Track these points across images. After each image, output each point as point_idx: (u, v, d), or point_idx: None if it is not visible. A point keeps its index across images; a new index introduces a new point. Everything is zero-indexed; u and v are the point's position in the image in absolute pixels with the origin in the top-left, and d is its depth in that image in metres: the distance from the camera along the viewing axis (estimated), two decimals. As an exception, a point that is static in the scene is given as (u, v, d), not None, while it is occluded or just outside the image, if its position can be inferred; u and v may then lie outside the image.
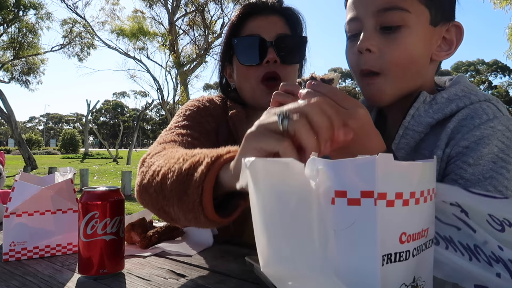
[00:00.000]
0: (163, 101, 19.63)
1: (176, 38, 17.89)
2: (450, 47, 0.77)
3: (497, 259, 0.41)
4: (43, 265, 0.75)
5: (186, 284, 0.65)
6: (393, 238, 0.35)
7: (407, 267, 0.36)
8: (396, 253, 0.35)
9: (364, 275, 0.34)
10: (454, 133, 0.71)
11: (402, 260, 0.35)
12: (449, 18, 0.75)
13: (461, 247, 0.43)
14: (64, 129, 65.55)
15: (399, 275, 0.36)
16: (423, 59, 0.74)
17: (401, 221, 0.35)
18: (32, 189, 0.79)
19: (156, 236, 0.88)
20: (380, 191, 0.33)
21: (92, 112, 60.20)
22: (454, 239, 0.43)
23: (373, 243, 0.33)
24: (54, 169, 9.23)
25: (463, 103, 0.72)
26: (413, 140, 0.74)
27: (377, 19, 0.72)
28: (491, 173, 0.65)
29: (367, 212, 0.33)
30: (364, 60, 0.74)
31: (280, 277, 0.41)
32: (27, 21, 17.01)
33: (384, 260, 0.34)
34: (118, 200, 0.69)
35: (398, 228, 0.35)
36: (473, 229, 0.42)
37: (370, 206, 0.33)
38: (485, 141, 0.67)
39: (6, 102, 15.43)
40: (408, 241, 0.36)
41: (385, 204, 0.33)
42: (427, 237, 0.40)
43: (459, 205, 0.43)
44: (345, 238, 0.35)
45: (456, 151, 0.69)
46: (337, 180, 0.35)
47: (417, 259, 0.38)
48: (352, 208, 0.34)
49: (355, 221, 0.34)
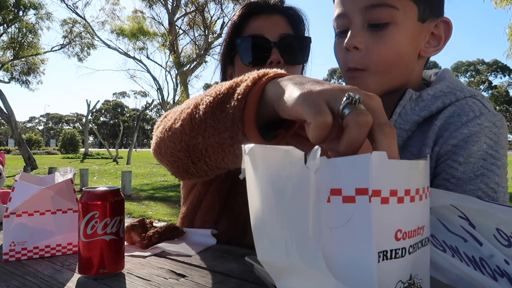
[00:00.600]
0: (163, 101, 19.62)
1: (176, 38, 17.88)
2: (438, 42, 0.76)
3: (502, 273, 0.41)
4: (43, 265, 0.75)
5: (186, 284, 0.65)
6: (388, 235, 0.35)
7: (403, 264, 0.36)
8: (392, 250, 0.35)
9: (360, 272, 0.34)
10: (442, 130, 0.71)
11: (398, 257, 0.35)
12: (437, 13, 0.75)
13: (467, 259, 0.43)
14: (64, 129, 65.53)
15: (395, 272, 0.36)
16: (410, 56, 0.74)
17: (396, 218, 0.35)
18: (32, 189, 0.79)
19: (156, 236, 0.88)
20: (375, 188, 0.33)
21: (92, 112, 60.21)
22: (460, 250, 0.44)
23: (368, 240, 0.33)
24: (54, 169, 9.23)
25: (449, 99, 0.73)
26: (400, 138, 0.74)
27: (364, 16, 0.71)
28: (482, 170, 0.66)
29: (362, 209, 0.33)
30: (351, 57, 0.74)
31: (275, 268, 0.41)
32: (27, 21, 17.01)
33: (380, 257, 0.34)
34: (118, 200, 0.69)
35: (393, 225, 0.35)
36: (480, 242, 0.42)
37: (364, 203, 0.33)
38: (473, 138, 0.67)
39: (6, 102, 15.43)
40: (404, 238, 0.36)
41: (379, 201, 0.33)
42: (422, 235, 0.40)
43: (467, 218, 0.43)
44: (341, 236, 0.35)
45: (445, 150, 0.69)
46: (333, 178, 0.35)
47: (413, 257, 0.38)
48: (347, 205, 0.34)
49: (350, 218, 0.34)
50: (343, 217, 0.34)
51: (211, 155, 0.59)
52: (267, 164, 0.39)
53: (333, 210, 0.35)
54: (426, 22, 0.73)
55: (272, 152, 0.39)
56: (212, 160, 0.60)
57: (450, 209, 0.45)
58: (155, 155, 0.73)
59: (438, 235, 0.45)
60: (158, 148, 0.69)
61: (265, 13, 1.00)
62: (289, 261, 0.38)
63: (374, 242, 0.33)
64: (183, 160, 0.64)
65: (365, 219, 0.33)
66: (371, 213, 0.33)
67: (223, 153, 0.57)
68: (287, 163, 0.38)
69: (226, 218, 0.98)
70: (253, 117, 0.52)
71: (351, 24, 0.73)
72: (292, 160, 0.38)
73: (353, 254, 0.34)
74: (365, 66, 0.73)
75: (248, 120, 0.51)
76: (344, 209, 0.34)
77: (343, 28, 0.75)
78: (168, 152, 0.66)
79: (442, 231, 0.45)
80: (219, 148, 0.56)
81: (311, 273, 0.37)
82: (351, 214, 0.34)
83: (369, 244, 0.33)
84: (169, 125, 0.66)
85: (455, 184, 0.67)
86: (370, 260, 0.33)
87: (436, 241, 0.46)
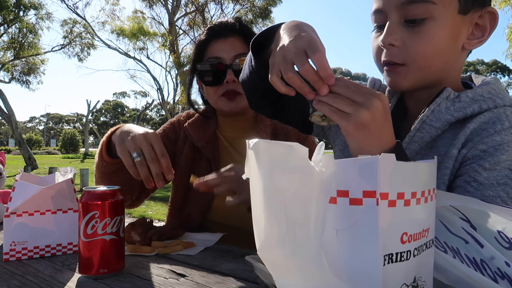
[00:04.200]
0: (163, 101, 19.62)
1: (176, 38, 17.88)
2: (483, 34, 0.74)
3: (502, 275, 0.41)
4: (43, 265, 0.75)
5: (186, 284, 0.65)
6: (394, 238, 0.35)
7: (408, 267, 0.36)
8: (397, 253, 0.35)
9: (365, 274, 0.34)
10: (473, 135, 0.69)
11: (403, 260, 0.35)
12: (482, 3, 0.72)
13: (467, 260, 0.43)
14: (64, 129, 65.46)
15: (400, 275, 0.36)
16: (450, 51, 0.72)
17: (403, 221, 0.35)
18: (33, 189, 0.80)
19: (156, 236, 0.88)
20: (382, 191, 0.33)
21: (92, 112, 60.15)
22: (461, 252, 0.43)
23: (375, 243, 0.33)
24: (54, 169, 9.22)
25: (487, 105, 0.71)
26: (428, 135, 0.72)
27: (401, 12, 0.70)
28: (505, 179, 0.64)
29: (369, 212, 0.33)
30: (387, 53, 0.73)
31: (274, 264, 0.41)
32: (28, 22, 17.01)
33: (385, 260, 0.34)
34: (118, 200, 0.69)
35: (399, 228, 0.35)
36: (481, 244, 0.42)
37: (372, 206, 0.33)
38: (504, 147, 0.66)
39: (6, 102, 15.43)
40: (409, 241, 0.36)
41: (387, 204, 0.33)
42: (427, 237, 0.40)
43: (469, 220, 0.43)
44: (347, 238, 0.35)
45: (472, 154, 0.68)
46: (340, 179, 0.35)
47: (418, 259, 0.38)
48: (354, 208, 0.34)
49: (356, 221, 0.34)
50: (349, 219, 0.34)
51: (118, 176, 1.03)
52: (270, 159, 0.39)
53: (340, 212, 0.35)
54: (468, 13, 0.71)
55: (276, 147, 0.39)
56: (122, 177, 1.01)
57: (451, 210, 0.45)
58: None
59: (439, 236, 0.45)
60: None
61: (222, 35, 1.13)
62: (287, 258, 0.38)
63: (380, 245, 0.33)
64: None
65: (372, 222, 0.33)
66: (378, 216, 0.33)
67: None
68: (291, 159, 0.38)
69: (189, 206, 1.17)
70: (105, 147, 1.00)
71: (387, 20, 0.72)
72: (296, 156, 0.38)
73: (358, 256, 0.34)
74: (404, 61, 0.71)
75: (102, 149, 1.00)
76: (351, 211, 0.34)
77: (380, 23, 0.74)
78: None
79: (444, 232, 0.45)
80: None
81: (310, 270, 0.37)
82: (358, 217, 0.34)
83: (375, 247, 0.33)
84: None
85: (475, 188, 0.65)
86: (375, 263, 0.33)
87: (437, 242, 0.45)
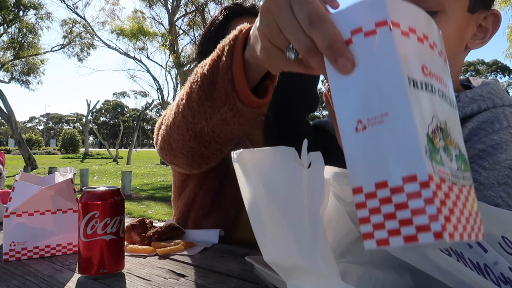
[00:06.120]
0: (163, 101, 19.62)
1: (176, 38, 17.88)
2: (485, 35, 0.74)
3: (506, 281, 0.40)
4: (43, 265, 0.75)
5: (186, 284, 0.65)
6: (415, 66, 0.33)
7: (434, 101, 0.34)
8: (421, 82, 0.33)
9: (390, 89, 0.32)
10: (472, 134, 0.69)
11: (428, 90, 0.33)
12: (488, 5, 0.73)
13: (471, 264, 0.43)
14: (64, 129, 65.51)
15: (428, 105, 0.33)
16: (457, 48, 0.72)
17: (420, 54, 0.34)
18: (32, 189, 0.79)
19: (156, 236, 0.88)
20: (393, 19, 0.33)
21: (92, 112, 60.22)
22: (464, 256, 0.43)
23: (395, 60, 0.32)
24: (54, 169, 9.23)
25: (486, 105, 0.71)
26: None
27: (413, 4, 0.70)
28: (506, 179, 0.64)
29: (384, 37, 0.33)
30: None
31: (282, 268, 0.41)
32: (27, 21, 17.02)
33: (409, 80, 0.32)
34: (118, 200, 0.69)
35: (418, 59, 0.34)
36: (485, 249, 0.42)
37: (386, 32, 0.33)
38: (503, 146, 0.65)
39: (6, 102, 15.43)
40: (431, 76, 0.34)
41: (400, 33, 0.33)
42: (447, 89, 0.37)
43: None
44: (367, 63, 0.34)
45: (471, 154, 0.67)
46: (351, 20, 0.35)
47: (442, 105, 0.35)
48: (369, 38, 0.34)
49: (375, 47, 0.33)
50: (367, 52, 0.34)
51: (218, 134, 0.65)
52: (257, 167, 0.39)
53: (357, 48, 0.34)
54: (475, 13, 0.71)
55: (260, 154, 0.39)
56: (221, 137, 0.66)
57: None
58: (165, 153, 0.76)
59: None
60: (168, 144, 0.73)
61: (247, 15, 1.02)
62: (293, 261, 0.38)
63: (401, 63, 0.31)
64: (195, 147, 0.69)
65: (388, 44, 0.32)
66: (393, 39, 0.32)
67: (228, 126, 0.62)
68: (277, 163, 0.38)
69: (216, 213, 0.99)
70: (243, 83, 0.56)
71: None
72: (282, 159, 0.38)
73: (381, 79, 0.33)
74: None
75: (240, 88, 0.56)
76: (366, 43, 0.34)
77: None
78: (179, 144, 0.71)
79: None
80: (223, 124, 0.61)
81: (315, 272, 0.37)
82: (375, 45, 0.33)
83: (396, 63, 0.32)
84: (171, 120, 0.70)
85: (476, 189, 0.63)
86: (399, 78, 0.31)
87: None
